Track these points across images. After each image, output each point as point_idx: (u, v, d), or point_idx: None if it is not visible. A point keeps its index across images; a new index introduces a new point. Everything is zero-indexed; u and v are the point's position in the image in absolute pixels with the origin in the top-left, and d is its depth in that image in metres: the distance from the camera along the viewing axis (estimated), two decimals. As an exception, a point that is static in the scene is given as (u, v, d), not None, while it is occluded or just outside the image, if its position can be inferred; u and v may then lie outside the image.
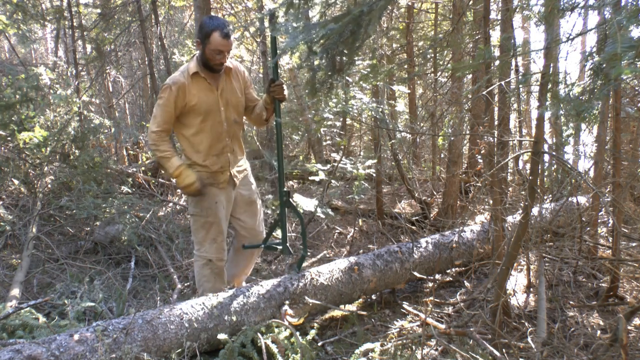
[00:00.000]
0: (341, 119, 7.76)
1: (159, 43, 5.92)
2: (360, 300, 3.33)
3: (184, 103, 2.59)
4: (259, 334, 2.42)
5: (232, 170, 2.82)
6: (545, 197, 4.39)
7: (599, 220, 3.95)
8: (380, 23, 5.30)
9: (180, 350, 2.25)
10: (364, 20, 1.76)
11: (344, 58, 1.96)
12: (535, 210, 3.56)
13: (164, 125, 2.61)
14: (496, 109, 3.45)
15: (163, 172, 2.77)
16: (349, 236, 4.93)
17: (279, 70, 2.79)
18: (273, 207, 4.81)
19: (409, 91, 7.35)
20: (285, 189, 2.86)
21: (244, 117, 2.97)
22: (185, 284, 3.75)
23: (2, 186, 4.57)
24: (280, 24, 2.02)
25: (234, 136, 2.81)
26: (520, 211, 2.68)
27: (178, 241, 4.43)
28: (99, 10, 6.89)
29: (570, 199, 4.35)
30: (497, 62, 2.91)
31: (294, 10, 1.95)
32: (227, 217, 2.88)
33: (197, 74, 2.60)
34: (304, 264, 3.45)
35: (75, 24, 6.66)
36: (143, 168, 6.45)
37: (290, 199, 2.87)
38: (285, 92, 2.69)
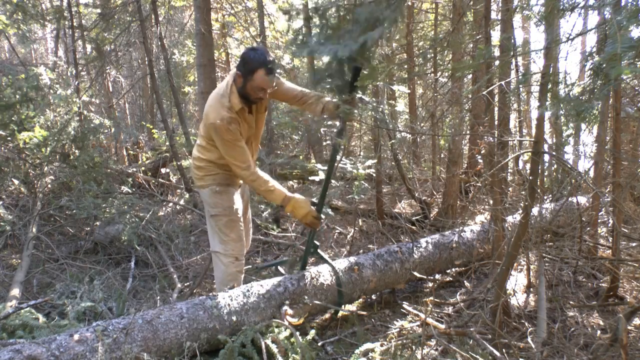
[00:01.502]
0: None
1: (159, 43, 5.91)
2: (360, 300, 3.33)
3: (239, 134, 2.60)
4: (259, 334, 2.42)
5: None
6: (545, 197, 4.39)
7: (599, 220, 3.95)
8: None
9: (180, 350, 2.25)
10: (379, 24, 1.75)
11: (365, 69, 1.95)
12: (535, 210, 3.56)
13: (248, 158, 2.61)
14: (496, 109, 3.45)
15: (270, 201, 2.78)
16: (349, 236, 4.93)
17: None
18: (274, 205, 4.81)
19: (409, 91, 7.35)
20: (315, 242, 2.92)
21: (296, 106, 2.98)
22: (185, 284, 3.75)
23: (2, 186, 4.56)
24: (302, 44, 1.97)
25: (258, 147, 2.90)
26: (520, 211, 2.68)
27: (178, 241, 4.43)
28: (99, 10, 6.89)
29: (570, 199, 4.35)
30: (497, 62, 2.91)
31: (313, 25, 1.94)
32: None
33: (242, 109, 2.60)
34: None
35: (75, 24, 6.65)
36: (143, 168, 6.46)
37: (319, 251, 2.94)
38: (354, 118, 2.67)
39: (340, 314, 2.99)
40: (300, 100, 2.86)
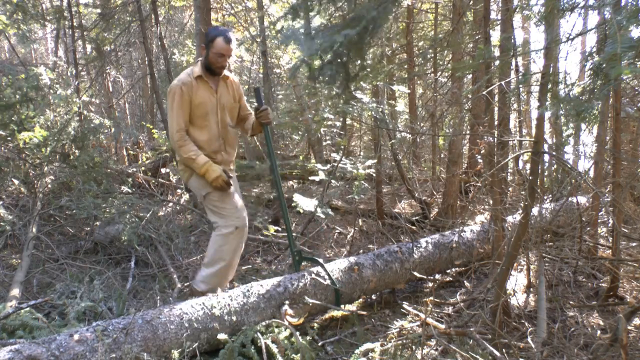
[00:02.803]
0: (341, 119, 7.77)
1: (159, 43, 5.91)
2: (360, 300, 3.33)
3: (188, 100, 2.83)
4: (259, 334, 2.42)
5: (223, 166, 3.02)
6: (545, 197, 4.39)
7: (599, 220, 3.94)
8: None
9: (180, 350, 2.25)
10: (375, 25, 1.75)
11: (357, 64, 1.95)
12: (535, 210, 3.56)
13: (184, 124, 2.86)
14: (496, 109, 3.45)
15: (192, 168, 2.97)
16: (349, 236, 4.93)
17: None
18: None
19: (409, 91, 7.35)
20: (296, 249, 3.08)
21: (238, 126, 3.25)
22: (185, 284, 3.75)
23: (2, 186, 4.56)
24: (288, 31, 2.01)
25: (227, 138, 3.03)
26: (520, 211, 2.68)
27: (178, 241, 4.42)
28: (99, 10, 6.89)
29: (570, 199, 4.35)
30: (497, 62, 2.91)
31: (299, 18, 1.95)
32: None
33: (200, 77, 2.87)
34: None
35: (75, 24, 6.65)
36: (143, 168, 6.45)
37: (303, 255, 3.12)
38: (271, 116, 3.00)
39: (341, 305, 3.01)
40: (243, 118, 3.19)
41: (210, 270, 2.92)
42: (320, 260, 3.00)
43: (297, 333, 2.45)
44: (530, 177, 2.49)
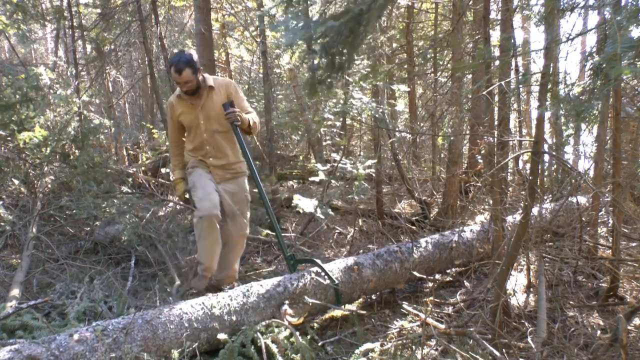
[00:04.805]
0: (341, 119, 7.77)
1: (159, 43, 5.91)
2: (360, 300, 3.33)
3: (175, 117, 3.24)
4: (258, 334, 2.42)
5: (212, 169, 3.27)
6: (545, 197, 4.39)
7: (599, 220, 3.94)
8: (379, 22, 5.31)
9: (180, 350, 2.24)
10: (363, 19, 1.76)
11: (344, 57, 1.95)
12: (535, 210, 3.56)
13: (171, 136, 3.37)
14: (496, 109, 3.45)
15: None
16: (349, 236, 4.93)
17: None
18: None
19: (409, 89, 7.35)
20: (289, 254, 3.17)
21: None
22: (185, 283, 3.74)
23: (2, 186, 4.56)
24: (279, 21, 2.02)
25: (216, 143, 3.24)
26: (520, 211, 2.68)
27: (177, 240, 4.42)
28: (99, 10, 6.89)
29: (570, 199, 4.35)
30: (497, 62, 2.91)
31: (293, 8, 1.95)
32: (214, 186, 3.21)
33: (179, 96, 3.20)
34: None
35: (75, 24, 6.64)
36: (143, 168, 6.45)
37: (298, 258, 3.23)
38: (238, 116, 3.12)
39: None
40: None
41: (199, 244, 3.15)
42: (318, 260, 3.00)
43: (297, 333, 2.45)
44: (530, 177, 2.49)
